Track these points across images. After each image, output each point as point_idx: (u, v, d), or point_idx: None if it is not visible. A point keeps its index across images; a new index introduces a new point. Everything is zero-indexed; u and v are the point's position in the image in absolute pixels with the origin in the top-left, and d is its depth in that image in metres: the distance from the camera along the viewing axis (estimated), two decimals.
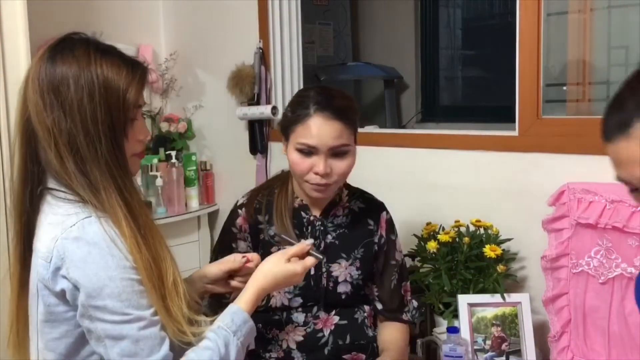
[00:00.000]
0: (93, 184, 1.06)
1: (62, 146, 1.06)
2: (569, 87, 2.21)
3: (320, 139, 1.40)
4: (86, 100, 1.06)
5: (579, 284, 1.69)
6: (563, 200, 1.71)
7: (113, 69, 1.09)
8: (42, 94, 1.07)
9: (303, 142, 1.42)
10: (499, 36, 3.42)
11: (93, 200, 1.06)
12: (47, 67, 1.09)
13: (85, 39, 1.13)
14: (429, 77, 3.71)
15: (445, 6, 3.71)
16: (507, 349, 1.71)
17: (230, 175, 2.72)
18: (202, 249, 2.71)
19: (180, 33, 2.81)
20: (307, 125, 1.41)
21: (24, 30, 1.88)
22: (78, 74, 1.07)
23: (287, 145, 1.48)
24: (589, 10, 2.15)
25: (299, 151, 1.43)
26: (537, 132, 1.85)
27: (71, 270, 1.03)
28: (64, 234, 1.04)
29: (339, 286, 1.53)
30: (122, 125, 1.10)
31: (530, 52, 1.84)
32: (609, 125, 0.93)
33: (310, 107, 1.42)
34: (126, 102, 1.09)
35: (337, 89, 1.52)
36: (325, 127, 1.41)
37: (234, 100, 2.58)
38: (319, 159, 1.41)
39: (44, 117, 1.07)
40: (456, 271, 1.80)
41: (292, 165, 1.46)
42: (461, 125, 3.15)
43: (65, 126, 1.06)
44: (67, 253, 1.03)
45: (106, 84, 1.07)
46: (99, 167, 1.07)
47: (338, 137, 1.42)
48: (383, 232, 1.59)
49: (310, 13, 3.29)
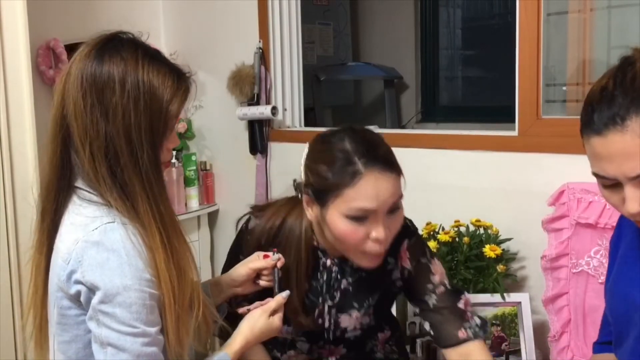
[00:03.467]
0: (128, 192, 1.04)
1: (97, 149, 1.03)
2: (568, 87, 2.21)
3: (380, 200, 1.16)
4: (131, 106, 1.03)
5: (579, 284, 1.69)
6: (563, 200, 1.71)
7: (160, 77, 1.06)
8: (85, 92, 1.04)
9: (360, 208, 1.15)
10: (499, 36, 3.42)
11: (122, 207, 1.04)
12: (94, 66, 1.05)
13: (132, 40, 1.10)
14: (429, 77, 3.71)
15: (445, 6, 3.71)
16: (507, 349, 1.71)
17: (230, 175, 2.72)
18: (202, 248, 2.71)
19: (180, 33, 2.81)
20: (360, 186, 1.15)
21: (24, 30, 1.88)
22: (124, 78, 1.04)
23: (324, 211, 1.20)
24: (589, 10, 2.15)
25: (352, 218, 1.17)
26: (537, 132, 1.85)
27: (87, 274, 1.01)
28: (85, 236, 1.03)
29: (347, 332, 1.36)
30: (161, 136, 1.07)
31: (530, 52, 1.84)
32: (599, 120, 0.92)
33: (356, 163, 1.16)
34: (168, 113, 1.07)
35: (361, 127, 1.28)
36: (382, 184, 1.16)
37: (234, 100, 2.58)
38: (377, 223, 1.17)
39: (83, 116, 1.04)
40: (456, 271, 1.80)
41: (342, 236, 1.19)
42: (461, 125, 3.16)
43: (105, 129, 1.03)
44: (85, 257, 1.02)
45: (152, 92, 1.05)
46: (138, 176, 1.04)
47: (397, 190, 1.20)
48: (405, 263, 1.35)
49: (310, 13, 3.29)
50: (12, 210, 1.87)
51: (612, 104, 0.91)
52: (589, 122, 0.94)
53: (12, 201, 1.87)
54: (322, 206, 1.20)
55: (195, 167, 2.64)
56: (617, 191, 0.97)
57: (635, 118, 0.88)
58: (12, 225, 1.87)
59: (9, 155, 1.86)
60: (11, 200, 1.87)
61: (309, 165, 1.24)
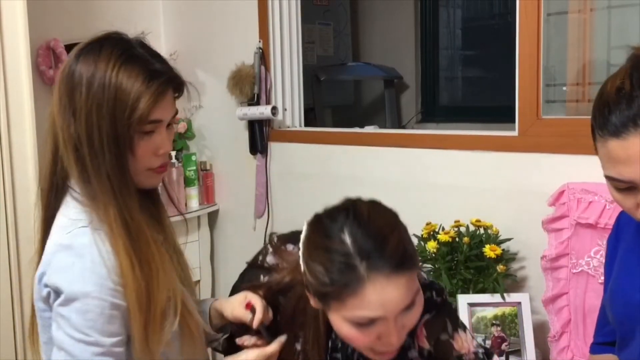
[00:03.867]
0: (95, 195, 1.04)
1: (70, 152, 1.05)
2: (568, 87, 2.21)
3: (388, 309, 0.97)
4: (94, 109, 1.03)
5: (579, 284, 1.69)
6: (563, 200, 1.71)
7: (128, 78, 1.04)
8: (61, 95, 1.06)
9: (362, 317, 0.98)
10: (499, 36, 3.42)
11: (92, 210, 1.04)
12: (70, 67, 1.06)
13: (117, 40, 1.08)
14: (429, 77, 3.71)
15: (445, 6, 3.71)
16: (507, 349, 1.71)
17: (230, 175, 2.72)
18: (202, 248, 2.71)
19: (180, 33, 2.81)
20: (364, 295, 0.96)
21: (24, 30, 1.88)
22: (92, 80, 1.03)
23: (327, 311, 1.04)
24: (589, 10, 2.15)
25: (357, 324, 1.00)
26: (537, 132, 1.85)
27: (52, 277, 1.01)
28: (59, 239, 1.04)
29: None
30: (128, 140, 1.04)
31: (530, 52, 1.84)
32: (617, 121, 0.89)
33: (358, 268, 0.96)
34: (133, 115, 1.03)
35: (368, 208, 1.04)
36: (390, 292, 0.97)
37: (234, 100, 2.58)
38: (386, 328, 0.99)
39: (59, 116, 1.06)
40: (456, 271, 1.80)
41: (347, 340, 1.05)
42: (461, 125, 3.16)
43: (74, 132, 1.04)
44: (54, 260, 1.02)
45: (116, 95, 1.03)
46: (100, 181, 1.04)
47: (408, 293, 0.99)
48: (423, 342, 1.15)
49: (310, 13, 3.29)
50: (12, 210, 1.87)
51: (631, 104, 0.88)
52: (605, 123, 0.91)
53: (12, 201, 1.87)
54: (323, 306, 1.04)
55: (195, 167, 2.65)
56: (632, 195, 0.94)
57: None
58: (12, 225, 1.87)
59: (9, 155, 1.86)
60: (11, 200, 1.87)
61: (306, 260, 1.04)
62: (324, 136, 2.45)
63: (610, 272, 1.21)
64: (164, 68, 1.09)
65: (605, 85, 0.95)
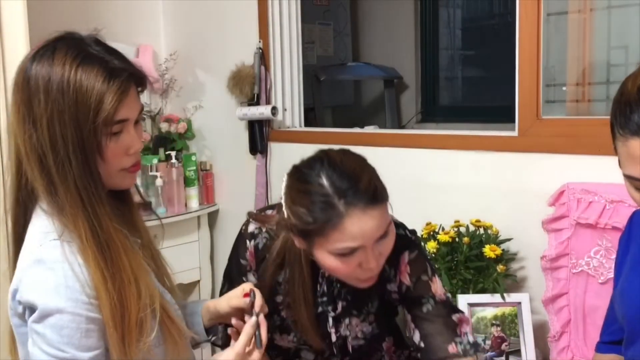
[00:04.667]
0: (61, 207, 1.00)
1: (33, 162, 1.00)
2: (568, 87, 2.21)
3: (366, 237, 1.11)
4: (55, 116, 0.98)
5: (579, 284, 1.69)
6: (563, 200, 1.71)
7: (87, 78, 0.99)
8: (18, 104, 1.01)
9: (344, 247, 1.11)
10: (499, 36, 3.42)
11: (59, 222, 1.00)
12: (25, 73, 1.01)
13: (69, 40, 1.03)
14: (429, 77, 3.71)
15: (445, 6, 3.71)
16: (506, 349, 1.71)
17: (230, 175, 2.72)
18: (201, 249, 2.71)
19: (180, 33, 2.81)
20: (344, 227, 1.09)
21: (24, 30, 1.88)
22: (49, 85, 0.98)
23: (312, 248, 1.17)
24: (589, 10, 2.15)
25: (340, 255, 1.13)
26: (537, 133, 1.85)
27: (25, 293, 0.97)
28: (30, 254, 1.00)
29: (349, 342, 1.33)
30: (95, 144, 1.00)
31: (530, 52, 1.84)
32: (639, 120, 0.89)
33: (337, 205, 1.09)
34: (98, 117, 0.99)
35: (339, 155, 1.18)
36: (366, 222, 1.10)
37: (234, 101, 2.58)
38: (366, 255, 1.13)
39: (19, 129, 1.01)
40: (456, 271, 1.80)
41: (331, 271, 1.19)
42: (461, 125, 3.16)
43: (36, 143, 0.99)
44: (26, 275, 0.98)
45: (78, 97, 0.98)
46: (67, 192, 0.99)
47: (384, 222, 1.14)
48: (404, 278, 1.28)
49: (310, 13, 3.29)
50: None
51: None
52: (627, 122, 0.90)
53: None
54: (307, 244, 1.17)
55: (195, 167, 2.64)
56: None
57: None
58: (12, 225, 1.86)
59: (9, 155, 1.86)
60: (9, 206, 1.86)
61: (289, 205, 1.16)
62: (324, 136, 2.45)
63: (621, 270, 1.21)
64: (123, 64, 1.04)
65: (626, 84, 0.95)
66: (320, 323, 1.30)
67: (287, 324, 1.35)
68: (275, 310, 1.33)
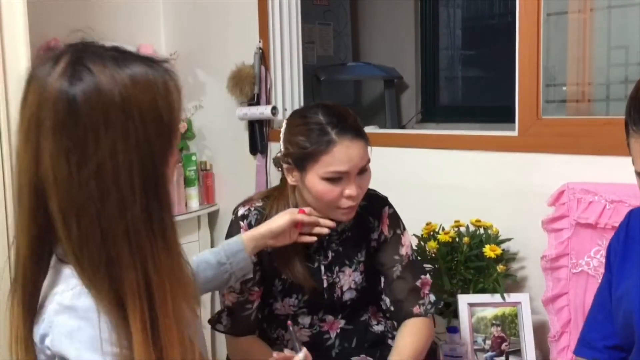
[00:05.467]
0: (113, 265, 0.83)
1: (81, 216, 0.82)
2: (569, 87, 2.21)
3: (352, 163, 1.35)
4: (120, 147, 0.80)
5: (579, 284, 1.69)
6: (563, 200, 1.71)
7: (147, 89, 0.83)
8: (62, 147, 0.81)
9: (334, 171, 1.35)
10: (499, 36, 3.42)
11: (102, 289, 0.83)
12: (67, 101, 0.81)
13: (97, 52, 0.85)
14: (429, 77, 3.71)
15: (445, 6, 3.71)
16: (507, 349, 1.71)
17: (230, 175, 2.72)
18: (202, 249, 2.71)
19: (180, 33, 2.81)
20: (334, 152, 1.34)
21: (24, 30, 1.88)
22: (106, 111, 0.81)
23: (304, 176, 1.39)
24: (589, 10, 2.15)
25: (328, 180, 1.36)
26: (537, 132, 1.85)
27: (56, 342, 0.85)
28: (59, 298, 0.86)
29: (344, 294, 1.52)
30: (167, 157, 0.85)
31: (530, 52, 1.84)
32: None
33: (330, 133, 1.35)
34: (171, 127, 0.85)
35: (332, 103, 1.46)
36: (353, 150, 1.36)
37: (234, 100, 2.58)
38: (350, 182, 1.37)
39: (63, 173, 0.82)
40: (456, 271, 1.80)
41: (318, 194, 1.38)
42: (461, 125, 3.16)
43: (93, 190, 0.81)
44: (56, 322, 0.85)
45: (146, 116, 0.82)
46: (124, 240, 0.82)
47: (365, 154, 1.39)
48: (385, 229, 1.54)
49: (310, 13, 3.29)
50: (12, 210, 1.87)
51: None
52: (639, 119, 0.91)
53: (12, 201, 1.87)
54: (301, 172, 1.39)
55: (195, 167, 2.64)
56: None
57: None
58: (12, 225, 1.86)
59: (9, 155, 1.86)
60: (11, 200, 1.87)
61: (289, 138, 1.41)
62: None
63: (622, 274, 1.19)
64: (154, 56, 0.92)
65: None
66: (314, 275, 1.48)
67: (288, 285, 1.48)
68: (276, 274, 1.49)
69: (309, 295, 1.49)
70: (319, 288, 1.49)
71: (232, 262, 1.39)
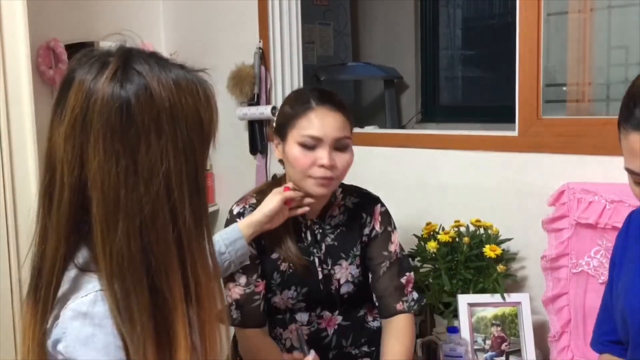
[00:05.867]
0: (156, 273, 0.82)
1: (130, 224, 0.81)
2: (569, 87, 2.21)
3: (325, 130, 1.40)
4: (170, 151, 0.81)
5: (579, 284, 1.69)
6: (563, 200, 1.71)
7: (190, 95, 0.84)
8: (113, 152, 0.80)
9: (307, 134, 1.40)
10: (499, 36, 3.42)
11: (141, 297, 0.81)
12: (118, 111, 0.80)
13: (143, 56, 0.88)
14: (429, 77, 3.71)
15: (445, 6, 3.71)
16: (507, 349, 1.71)
17: (230, 175, 2.72)
18: None
19: (180, 33, 2.81)
20: (310, 117, 1.41)
21: (24, 30, 1.88)
22: (158, 117, 0.81)
23: (285, 144, 1.45)
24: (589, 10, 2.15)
25: (302, 145, 1.41)
26: (537, 132, 1.85)
27: (70, 349, 0.84)
28: (74, 304, 0.84)
29: (341, 288, 1.54)
30: (204, 167, 0.87)
31: (530, 52, 1.84)
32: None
33: (311, 101, 1.43)
34: (210, 135, 0.88)
35: (325, 88, 1.55)
36: (328, 118, 1.41)
37: (234, 101, 2.58)
38: (323, 151, 1.40)
39: (114, 185, 0.81)
40: (456, 271, 1.80)
41: (293, 161, 1.43)
42: (461, 125, 3.15)
43: (143, 196, 0.80)
44: (70, 328, 0.84)
45: (190, 122, 0.84)
46: (168, 248, 0.82)
47: (341, 128, 1.43)
48: (377, 225, 1.57)
49: (310, 13, 3.29)
50: (12, 210, 1.87)
51: None
52: (630, 117, 0.92)
53: (12, 201, 1.87)
54: (283, 140, 1.45)
55: None
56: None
57: None
58: (12, 225, 1.86)
59: (9, 155, 1.86)
60: (11, 200, 1.87)
61: (279, 111, 1.52)
62: None
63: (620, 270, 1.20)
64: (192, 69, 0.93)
65: (637, 79, 0.96)
66: (310, 268, 1.52)
67: (287, 277, 1.51)
68: (274, 268, 1.51)
69: (307, 287, 1.51)
70: (311, 267, 1.51)
71: (231, 250, 1.43)
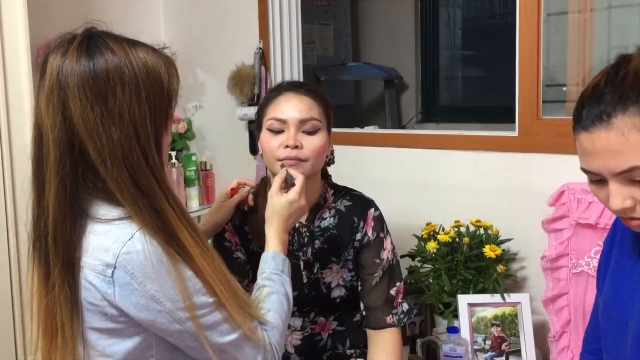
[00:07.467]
0: (151, 197, 0.97)
1: (116, 159, 0.95)
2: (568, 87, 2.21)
3: (290, 112, 1.40)
4: (134, 99, 0.96)
5: (579, 284, 1.69)
6: (563, 201, 1.71)
7: (151, 59, 1.00)
8: (91, 103, 0.94)
9: (273, 117, 1.41)
10: (499, 36, 3.42)
11: (151, 217, 0.96)
12: (88, 69, 0.95)
13: (107, 32, 1.03)
14: (429, 77, 3.71)
15: (445, 6, 3.71)
16: (507, 349, 1.71)
17: (230, 175, 2.72)
18: None
19: (180, 33, 2.81)
20: (277, 102, 1.43)
21: (24, 30, 1.88)
22: (121, 72, 0.96)
23: (260, 132, 1.48)
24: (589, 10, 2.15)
25: (269, 130, 1.42)
26: (537, 133, 1.85)
27: (147, 283, 0.95)
28: (124, 247, 0.95)
29: (332, 291, 1.50)
30: (165, 123, 1.02)
31: (530, 52, 1.84)
32: (587, 116, 0.93)
33: (281, 88, 1.46)
34: (170, 94, 1.02)
35: None
36: (294, 101, 1.42)
37: (234, 101, 2.58)
38: (289, 134, 1.40)
39: (96, 129, 0.95)
40: (456, 271, 1.80)
41: (262, 146, 1.45)
42: (461, 125, 3.16)
43: (118, 136, 0.95)
44: (137, 267, 0.95)
45: (150, 78, 0.98)
46: (152, 176, 0.98)
47: (307, 109, 1.41)
48: (369, 230, 1.50)
49: (310, 13, 3.29)
50: (12, 209, 1.87)
51: (600, 101, 0.92)
52: (579, 118, 0.95)
53: (12, 201, 1.87)
54: (260, 130, 1.47)
55: (195, 167, 2.64)
56: (604, 187, 0.98)
57: (621, 116, 0.89)
58: (12, 225, 1.87)
59: (9, 154, 1.86)
60: (11, 200, 1.87)
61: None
62: None
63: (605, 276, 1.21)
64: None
65: (590, 82, 0.98)
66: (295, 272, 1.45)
67: None
68: None
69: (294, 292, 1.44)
70: (296, 270, 1.46)
71: None
